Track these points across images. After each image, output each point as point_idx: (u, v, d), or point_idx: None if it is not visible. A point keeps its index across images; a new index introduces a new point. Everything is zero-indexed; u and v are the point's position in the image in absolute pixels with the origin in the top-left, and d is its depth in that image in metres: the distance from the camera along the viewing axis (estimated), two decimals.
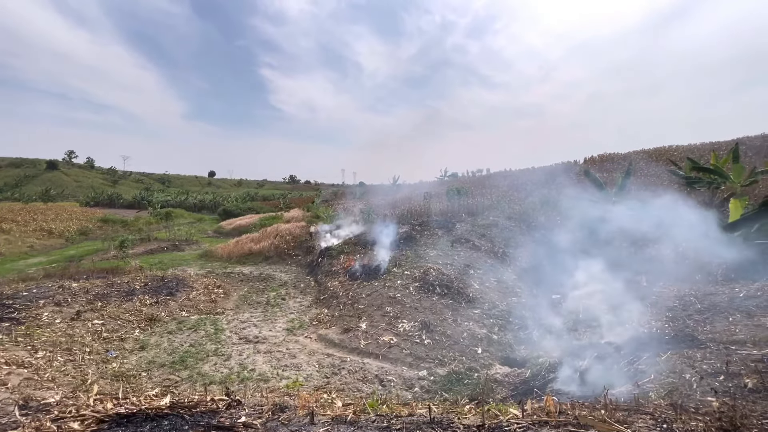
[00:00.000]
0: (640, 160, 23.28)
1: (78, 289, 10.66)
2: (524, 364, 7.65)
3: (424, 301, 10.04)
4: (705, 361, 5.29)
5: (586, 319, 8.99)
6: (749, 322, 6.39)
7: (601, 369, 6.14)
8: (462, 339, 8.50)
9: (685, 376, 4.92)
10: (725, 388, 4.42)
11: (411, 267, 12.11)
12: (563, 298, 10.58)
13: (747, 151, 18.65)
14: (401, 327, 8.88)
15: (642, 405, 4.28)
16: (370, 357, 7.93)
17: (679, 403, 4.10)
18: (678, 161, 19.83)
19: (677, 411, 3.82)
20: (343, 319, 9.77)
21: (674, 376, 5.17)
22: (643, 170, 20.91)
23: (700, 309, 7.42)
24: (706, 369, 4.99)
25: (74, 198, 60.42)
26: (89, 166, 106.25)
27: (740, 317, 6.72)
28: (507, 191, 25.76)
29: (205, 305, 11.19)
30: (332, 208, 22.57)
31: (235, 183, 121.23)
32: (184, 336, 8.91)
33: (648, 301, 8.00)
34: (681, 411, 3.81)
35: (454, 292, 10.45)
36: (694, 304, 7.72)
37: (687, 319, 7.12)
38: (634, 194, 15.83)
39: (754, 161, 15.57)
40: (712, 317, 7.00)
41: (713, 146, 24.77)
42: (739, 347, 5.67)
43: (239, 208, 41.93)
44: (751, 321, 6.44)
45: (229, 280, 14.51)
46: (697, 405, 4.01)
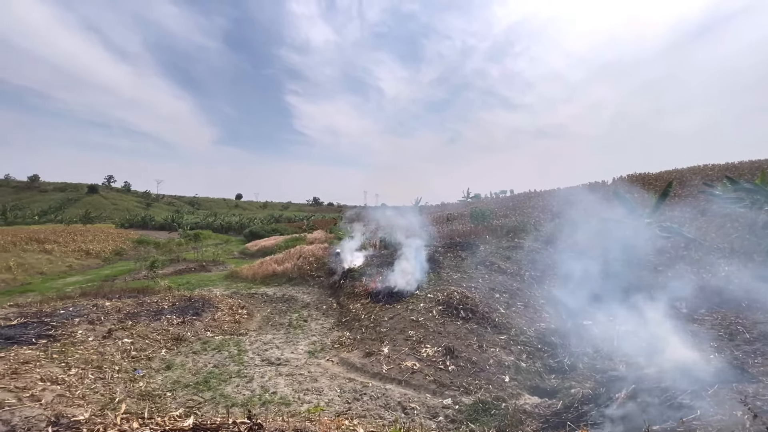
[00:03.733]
0: (673, 179, 22.38)
1: (110, 308, 11.03)
2: (555, 394, 7.24)
3: (447, 326, 9.78)
4: (758, 397, 4.85)
5: (621, 347, 8.48)
6: None
7: (641, 403, 5.73)
8: (488, 366, 8.17)
9: (736, 413, 4.51)
10: None
11: (434, 290, 11.89)
12: (595, 324, 10.06)
13: None
14: (424, 352, 8.65)
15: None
16: (393, 383, 7.73)
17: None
18: (714, 180, 18.92)
19: None
20: (365, 343, 9.62)
21: (723, 414, 4.76)
22: (677, 190, 20.05)
23: (748, 339, 6.88)
24: (761, 406, 4.56)
25: (111, 220, 63.59)
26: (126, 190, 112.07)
27: None
28: (532, 212, 25.21)
29: (230, 326, 11.31)
30: (354, 230, 22.68)
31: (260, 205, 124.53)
32: (208, 356, 8.99)
33: (689, 329, 7.49)
34: None
35: (479, 316, 10.15)
36: (741, 333, 7.17)
37: (734, 349, 6.61)
38: (668, 215, 15.16)
39: None
40: (763, 348, 6.46)
41: (753, 165, 23.56)
42: None
43: (264, 230, 42.83)
44: None
45: (252, 300, 14.67)
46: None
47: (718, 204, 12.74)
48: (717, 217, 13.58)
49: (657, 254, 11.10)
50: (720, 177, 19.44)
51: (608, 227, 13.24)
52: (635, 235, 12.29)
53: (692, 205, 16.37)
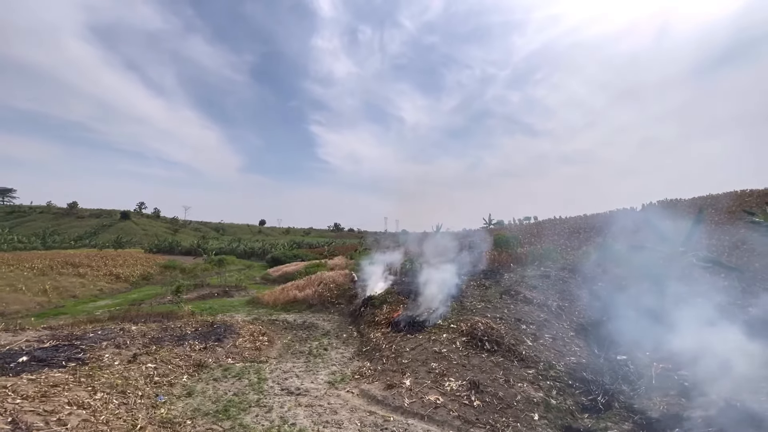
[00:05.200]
0: (707, 206, 21.44)
1: (136, 332, 11.24)
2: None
3: (472, 358, 9.43)
4: None
5: (660, 386, 7.91)
6: None
7: None
8: (515, 402, 7.75)
9: None
10: None
11: (457, 320, 11.57)
12: (631, 359, 9.47)
13: None
14: (448, 386, 8.31)
15: None
16: (415, 417, 7.42)
17: None
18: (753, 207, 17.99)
19: None
20: (386, 374, 9.35)
21: None
22: (713, 217, 19.14)
23: None
24: None
25: (140, 245, 65.99)
26: (155, 216, 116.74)
27: None
28: (558, 240, 24.53)
29: (250, 353, 11.28)
30: (375, 256, 22.61)
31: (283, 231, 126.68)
32: (228, 384, 8.94)
33: (737, 367, 6.93)
34: None
35: (504, 348, 9.75)
36: (760, 363, 6.57)
37: None
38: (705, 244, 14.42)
39: None
40: None
41: None
42: None
43: (286, 255, 43.32)
44: None
45: (273, 327, 14.65)
46: None
47: (760, 232, 12.05)
48: (759, 246, 12.81)
49: (694, 285, 10.48)
50: (760, 203, 18.48)
51: (640, 256, 12.68)
52: (669, 264, 11.71)
53: (730, 233, 15.54)
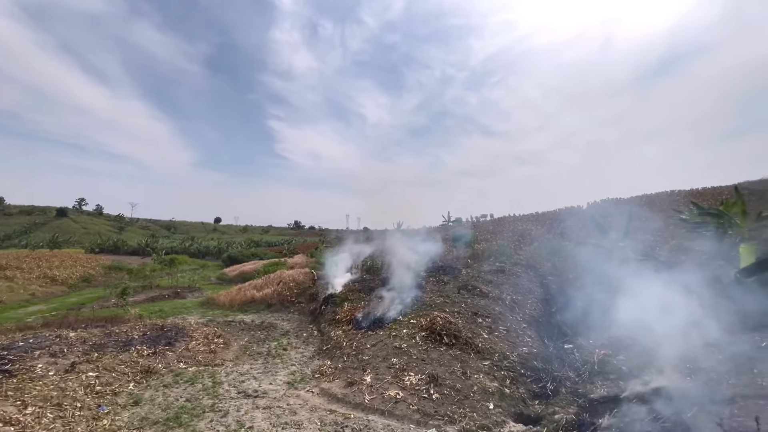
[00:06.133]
0: (643, 204, 23.37)
1: (75, 339, 10.39)
2: (539, 421, 7.16)
3: (431, 352, 9.65)
4: (734, 419, 4.94)
5: (602, 371, 8.54)
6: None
7: (624, 427, 5.72)
8: (472, 393, 8.04)
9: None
10: None
11: (417, 315, 11.78)
12: (576, 347, 10.14)
13: (750, 196, 18.69)
14: (408, 380, 8.46)
15: None
16: (376, 413, 7.48)
17: None
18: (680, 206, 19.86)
19: None
20: (347, 372, 9.34)
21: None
22: (647, 215, 20.91)
23: (722, 360, 7.05)
24: (736, 427, 4.64)
25: (80, 245, 60.90)
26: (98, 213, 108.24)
27: (765, 368, 6.36)
28: (512, 236, 25.67)
29: (204, 356, 10.81)
30: (336, 254, 22.45)
31: (240, 229, 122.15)
32: (180, 390, 8.51)
33: (666, 351, 7.63)
34: None
35: (462, 342, 10.06)
36: (715, 354, 7.34)
37: (710, 371, 6.74)
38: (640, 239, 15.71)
39: (758, 206, 15.55)
40: (736, 369, 6.62)
41: (715, 191, 24.92)
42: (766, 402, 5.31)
43: (243, 255, 41.87)
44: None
45: (229, 329, 14.13)
46: None
47: (686, 228, 13.32)
48: (686, 241, 14.16)
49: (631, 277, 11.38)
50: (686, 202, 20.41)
51: (585, 251, 13.58)
52: (610, 258, 12.65)
53: (662, 230, 17.05)
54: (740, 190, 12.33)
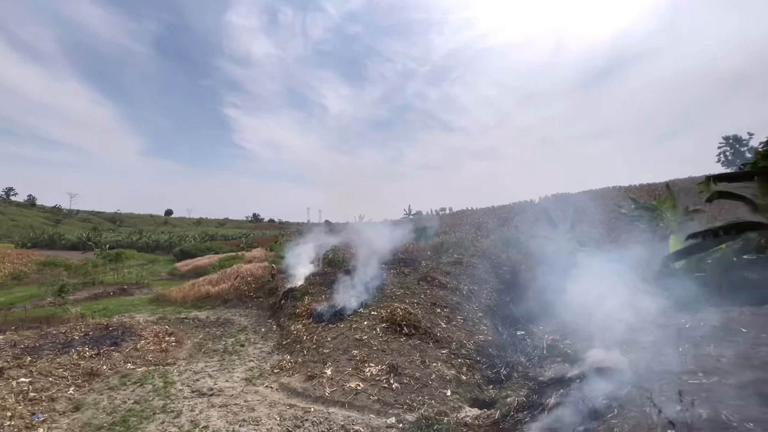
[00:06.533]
0: (588, 199, 25.03)
1: (3, 342, 9.48)
2: (493, 404, 7.53)
3: (391, 343, 9.81)
4: (662, 393, 5.46)
5: (550, 355, 9.11)
6: (697, 352, 6.75)
7: (568, 406, 6.17)
8: (431, 381, 8.29)
9: (645, 409, 5.03)
10: (682, 419, 4.56)
11: (378, 307, 11.90)
12: (527, 334, 10.73)
13: (679, 192, 20.59)
14: (368, 371, 8.55)
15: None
16: (336, 405, 7.51)
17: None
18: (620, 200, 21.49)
19: None
20: (307, 366, 9.28)
21: (636, 410, 5.29)
22: (592, 209, 22.44)
23: (652, 340, 7.76)
24: (663, 400, 5.14)
25: (9, 239, 55.25)
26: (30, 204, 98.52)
27: (689, 347, 7.08)
28: (469, 229, 26.55)
29: (155, 355, 10.27)
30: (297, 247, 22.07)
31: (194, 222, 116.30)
32: (127, 392, 8.05)
33: (606, 333, 8.27)
34: None
35: (421, 332, 10.31)
36: (647, 335, 8.07)
37: (642, 350, 7.40)
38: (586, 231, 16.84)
39: (686, 201, 17.16)
40: (663, 348, 7.32)
41: (650, 187, 27.21)
42: (690, 377, 5.93)
43: (197, 248, 39.99)
44: (698, 351, 6.80)
45: (182, 326, 13.51)
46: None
47: (624, 221, 14.47)
48: (624, 233, 15.37)
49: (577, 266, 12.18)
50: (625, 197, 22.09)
51: (536, 243, 14.34)
52: (559, 249, 13.46)
53: (604, 222, 18.38)
54: (671, 187, 13.55)
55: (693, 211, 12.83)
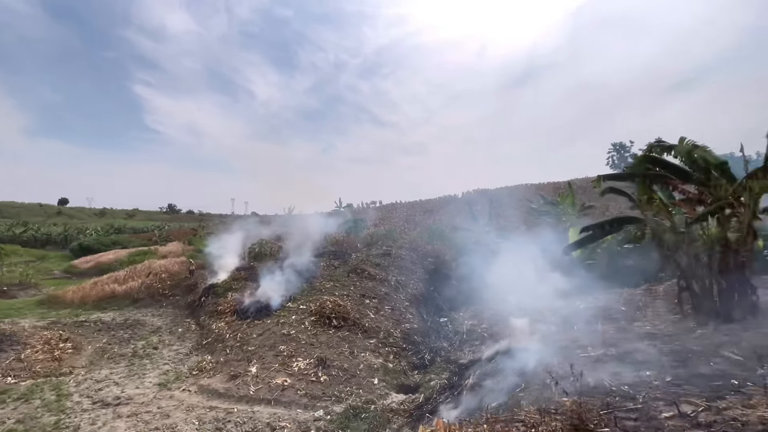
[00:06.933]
0: (504, 195, 27.30)
1: None
2: (418, 389, 7.94)
3: (320, 336, 9.77)
4: (559, 367, 6.23)
5: (469, 339, 9.85)
6: (588, 329, 7.82)
7: (483, 385, 6.75)
8: (359, 371, 8.45)
9: (546, 381, 5.71)
10: (575, 388, 5.27)
11: (306, 300, 11.74)
12: (450, 320, 11.45)
13: (578, 190, 23.40)
14: (296, 366, 8.44)
15: (516, 414, 4.81)
16: (261, 403, 7.30)
17: (543, 408, 4.74)
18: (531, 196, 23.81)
19: (542, 415, 4.40)
20: (230, 365, 8.85)
21: (539, 384, 5.97)
22: (507, 203, 24.54)
23: (552, 321, 8.79)
24: (560, 374, 5.86)
25: None
26: None
27: (582, 325, 8.17)
28: (398, 222, 27.34)
29: (45, 365, 8.96)
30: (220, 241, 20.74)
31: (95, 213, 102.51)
32: (7, 410, 6.93)
33: (516, 317, 9.17)
34: (545, 414, 4.40)
35: (350, 323, 10.43)
36: (549, 316, 9.11)
37: (545, 330, 8.35)
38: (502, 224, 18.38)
39: (583, 198, 19.59)
40: (563, 327, 8.35)
41: (555, 185, 30.51)
42: (582, 351, 6.85)
43: (101, 243, 35.39)
44: (589, 328, 7.89)
45: (82, 330, 11.96)
46: (557, 406, 4.68)
47: (534, 215, 16.09)
48: (533, 226, 17.08)
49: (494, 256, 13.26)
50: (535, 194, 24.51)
51: (459, 235, 15.28)
52: (478, 240, 14.51)
53: (517, 216, 20.23)
54: (572, 185, 15.37)
55: (587, 207, 14.75)
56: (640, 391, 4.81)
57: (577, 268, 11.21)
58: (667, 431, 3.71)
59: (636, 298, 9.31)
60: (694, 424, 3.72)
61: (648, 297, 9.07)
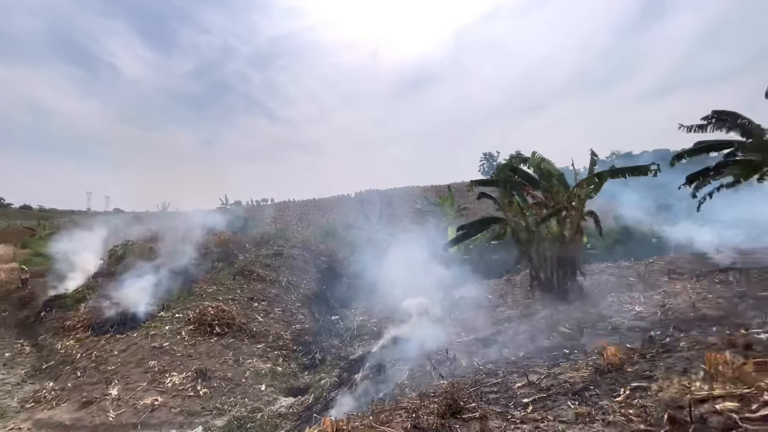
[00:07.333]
0: (394, 195, 28.86)
1: None
2: (308, 390, 7.87)
3: (200, 346, 8.92)
4: (438, 353, 6.89)
5: (360, 334, 10.16)
6: (462, 317, 8.82)
7: (373, 377, 7.06)
8: (245, 379, 7.99)
9: (426, 368, 6.26)
10: (450, 371, 5.90)
11: (184, 308, 10.59)
12: (341, 318, 11.63)
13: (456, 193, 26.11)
14: (170, 382, 7.55)
15: (399, 401, 5.17)
16: (124, 429, 6.34)
17: (424, 392, 5.19)
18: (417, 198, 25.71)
19: (422, 399, 4.81)
20: (82, 390, 7.45)
21: (421, 371, 6.50)
22: (398, 204, 26.02)
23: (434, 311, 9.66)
24: (438, 359, 6.50)
25: None
26: None
27: (457, 314, 9.17)
28: (291, 220, 26.58)
29: None
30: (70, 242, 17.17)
31: None
32: None
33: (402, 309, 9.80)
34: (424, 398, 4.83)
35: (236, 329, 9.76)
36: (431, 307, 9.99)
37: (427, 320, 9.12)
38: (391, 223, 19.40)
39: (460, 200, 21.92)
40: (442, 316, 9.24)
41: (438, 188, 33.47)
42: (457, 337, 7.70)
43: None
44: (463, 316, 8.90)
45: None
46: (435, 389, 5.18)
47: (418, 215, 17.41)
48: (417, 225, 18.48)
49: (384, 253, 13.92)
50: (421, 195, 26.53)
51: (351, 233, 15.62)
52: (370, 238, 15.06)
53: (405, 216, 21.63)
54: (451, 189, 17.11)
55: (464, 208, 16.62)
56: (500, 367, 5.64)
57: (455, 263, 12.52)
58: (519, 398, 4.43)
59: (500, 287, 10.84)
60: (538, 390, 4.52)
61: (508, 286, 10.64)
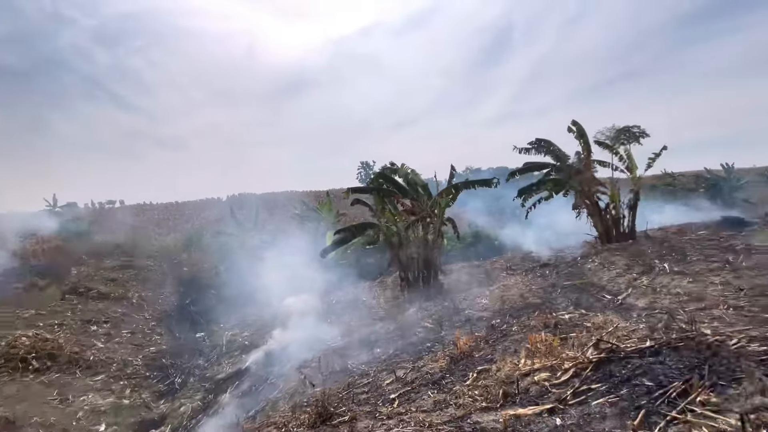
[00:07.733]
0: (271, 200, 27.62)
1: None
2: (164, 420, 6.91)
3: (7, 387, 6.98)
4: (314, 361, 6.86)
5: (229, 350, 9.38)
6: (339, 320, 8.96)
7: (243, 396, 6.60)
8: (76, 422, 6.55)
9: (301, 378, 6.16)
10: (324, 377, 5.93)
11: None
12: (207, 334, 10.55)
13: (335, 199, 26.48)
14: None
15: (271, 417, 4.96)
16: None
17: (296, 404, 5.09)
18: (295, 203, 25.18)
19: (294, 411, 4.71)
20: None
21: (296, 382, 6.36)
22: (275, 208, 24.94)
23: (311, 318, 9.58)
24: (314, 366, 6.48)
25: None
26: None
27: (335, 317, 9.28)
28: (146, 226, 23.00)
29: None
30: None
31: None
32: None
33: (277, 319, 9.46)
34: (296, 410, 4.74)
35: (62, 362, 7.94)
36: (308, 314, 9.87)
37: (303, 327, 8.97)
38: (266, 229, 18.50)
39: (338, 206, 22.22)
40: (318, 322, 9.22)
41: (317, 193, 33.40)
42: (333, 341, 7.78)
43: None
44: (340, 319, 9.04)
45: None
46: (308, 399, 5.13)
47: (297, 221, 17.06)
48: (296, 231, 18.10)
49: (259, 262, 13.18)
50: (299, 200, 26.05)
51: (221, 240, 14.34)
52: (243, 245, 14.09)
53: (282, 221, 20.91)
54: (330, 195, 17.25)
55: (342, 214, 16.92)
56: (372, 367, 5.90)
57: (334, 267, 12.64)
58: (387, 395, 4.72)
59: (374, 289, 11.37)
60: (404, 384, 4.88)
61: (380, 287, 11.24)
